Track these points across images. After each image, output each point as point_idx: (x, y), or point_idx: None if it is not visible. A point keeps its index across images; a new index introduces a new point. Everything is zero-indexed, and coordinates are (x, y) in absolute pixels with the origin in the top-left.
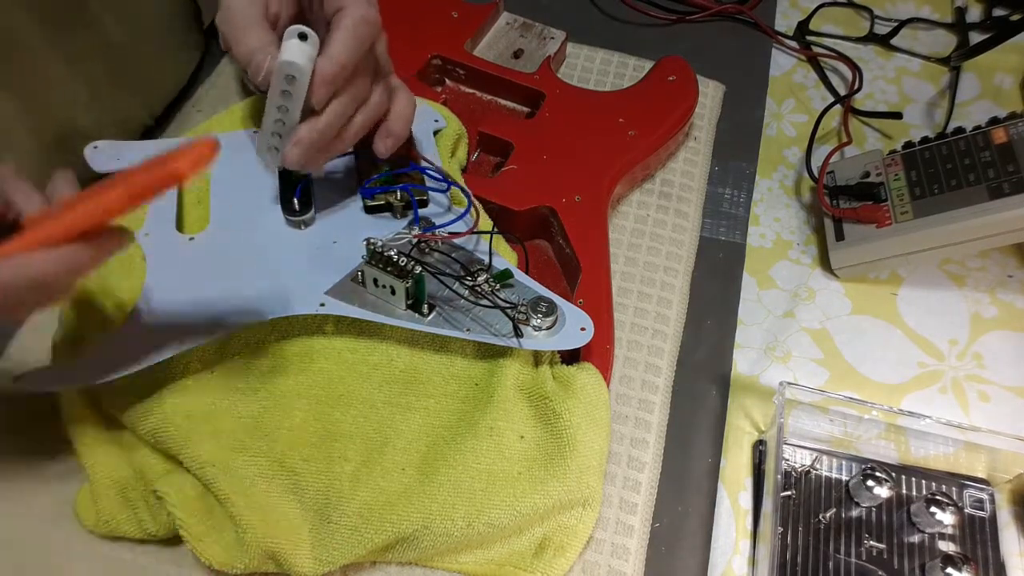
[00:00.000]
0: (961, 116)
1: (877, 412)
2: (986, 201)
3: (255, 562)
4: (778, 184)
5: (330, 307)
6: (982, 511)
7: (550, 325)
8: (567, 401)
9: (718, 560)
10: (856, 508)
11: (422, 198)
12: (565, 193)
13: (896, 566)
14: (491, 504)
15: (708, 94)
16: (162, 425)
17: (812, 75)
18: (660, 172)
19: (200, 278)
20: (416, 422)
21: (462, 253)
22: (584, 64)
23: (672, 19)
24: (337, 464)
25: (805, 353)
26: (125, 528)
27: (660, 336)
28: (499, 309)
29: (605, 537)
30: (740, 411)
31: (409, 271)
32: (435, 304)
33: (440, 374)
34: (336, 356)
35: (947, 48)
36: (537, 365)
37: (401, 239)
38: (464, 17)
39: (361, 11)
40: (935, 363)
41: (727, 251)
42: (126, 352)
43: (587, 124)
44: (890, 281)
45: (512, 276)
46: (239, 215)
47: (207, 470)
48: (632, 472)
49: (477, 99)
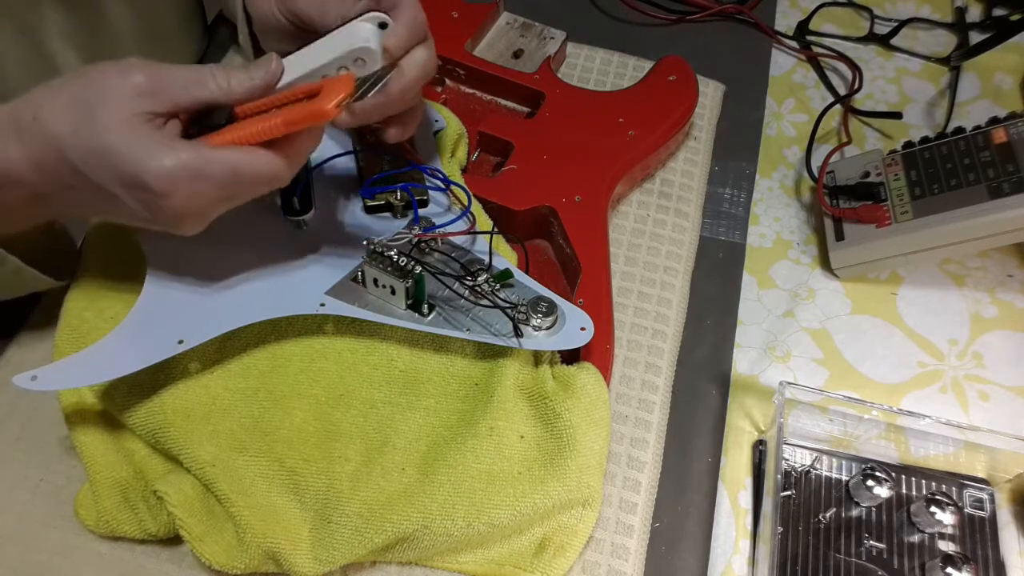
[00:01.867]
0: (961, 116)
1: (877, 412)
2: (986, 201)
3: (255, 562)
4: (778, 184)
5: (330, 307)
6: (982, 511)
7: (550, 325)
8: (567, 401)
9: (718, 560)
10: (856, 508)
11: (422, 198)
12: (565, 193)
13: (896, 566)
14: (491, 504)
15: (708, 94)
16: (162, 425)
17: (812, 75)
18: (660, 172)
19: (200, 278)
20: (416, 422)
21: (462, 253)
22: (584, 64)
23: (672, 19)
24: (337, 464)
25: (805, 353)
26: (125, 528)
27: (660, 336)
28: (499, 309)
29: (605, 537)
30: (740, 411)
31: (409, 271)
32: (435, 304)
33: (440, 374)
34: (336, 356)
35: (947, 48)
36: (537, 365)
37: (401, 239)
38: (464, 17)
39: (413, 11)
40: (935, 363)
41: (727, 251)
42: (127, 352)
43: (587, 124)
44: (890, 281)
45: (512, 276)
46: (239, 215)
47: (207, 470)
48: (632, 472)
49: (477, 99)
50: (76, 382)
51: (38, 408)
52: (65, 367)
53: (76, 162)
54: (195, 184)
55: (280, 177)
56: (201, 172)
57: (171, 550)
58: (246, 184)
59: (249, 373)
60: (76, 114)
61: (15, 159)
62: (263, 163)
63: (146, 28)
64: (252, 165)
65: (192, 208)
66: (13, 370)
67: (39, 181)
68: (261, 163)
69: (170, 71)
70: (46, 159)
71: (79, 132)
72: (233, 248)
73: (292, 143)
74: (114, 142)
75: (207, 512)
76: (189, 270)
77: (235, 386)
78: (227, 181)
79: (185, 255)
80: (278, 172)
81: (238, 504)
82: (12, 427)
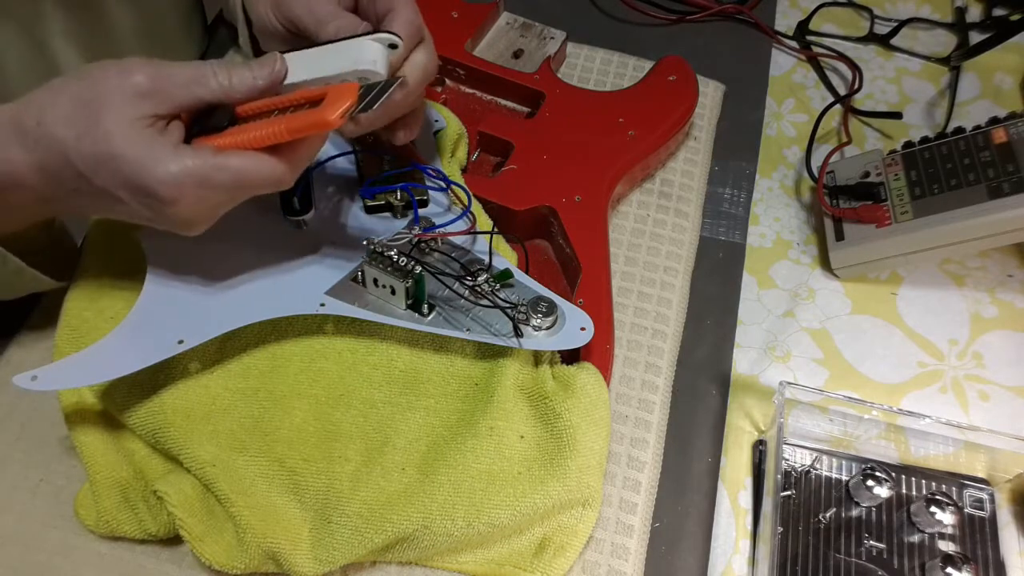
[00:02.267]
0: (961, 116)
1: (877, 412)
2: (986, 201)
3: (255, 562)
4: (778, 184)
5: (330, 307)
6: (982, 511)
7: (550, 325)
8: (567, 401)
9: (718, 560)
10: (856, 508)
11: (422, 198)
12: (565, 193)
13: (896, 566)
14: (491, 504)
15: (708, 94)
16: (162, 426)
17: (812, 75)
18: (660, 172)
19: (201, 278)
20: (416, 422)
21: (462, 253)
22: (584, 64)
23: (672, 19)
24: (337, 464)
25: (805, 353)
26: (125, 528)
27: (660, 336)
28: (499, 309)
29: (605, 537)
30: (740, 411)
31: (410, 271)
32: (435, 304)
33: (440, 374)
34: (336, 356)
35: (947, 48)
36: (537, 364)
37: (401, 239)
38: (464, 17)
39: (409, 14)
40: (935, 363)
41: (727, 251)
42: (127, 352)
43: (587, 124)
44: (890, 281)
45: (512, 276)
46: (239, 215)
47: (207, 470)
48: (632, 472)
49: (477, 99)
50: (76, 382)
51: (38, 408)
52: (65, 367)
53: (80, 167)
54: (201, 191)
55: (284, 181)
56: (207, 179)
57: (171, 550)
58: (250, 189)
59: (249, 373)
60: (80, 118)
61: (18, 162)
62: (267, 169)
63: (147, 27)
64: (257, 171)
65: (197, 213)
66: (13, 370)
67: (42, 184)
68: (265, 169)
69: (171, 69)
70: (50, 163)
71: (83, 137)
72: (234, 248)
73: (295, 148)
74: (119, 148)
75: (207, 512)
76: (190, 270)
77: (235, 386)
78: (232, 186)
79: (186, 255)
80: (282, 177)
81: (238, 504)
82: (12, 427)
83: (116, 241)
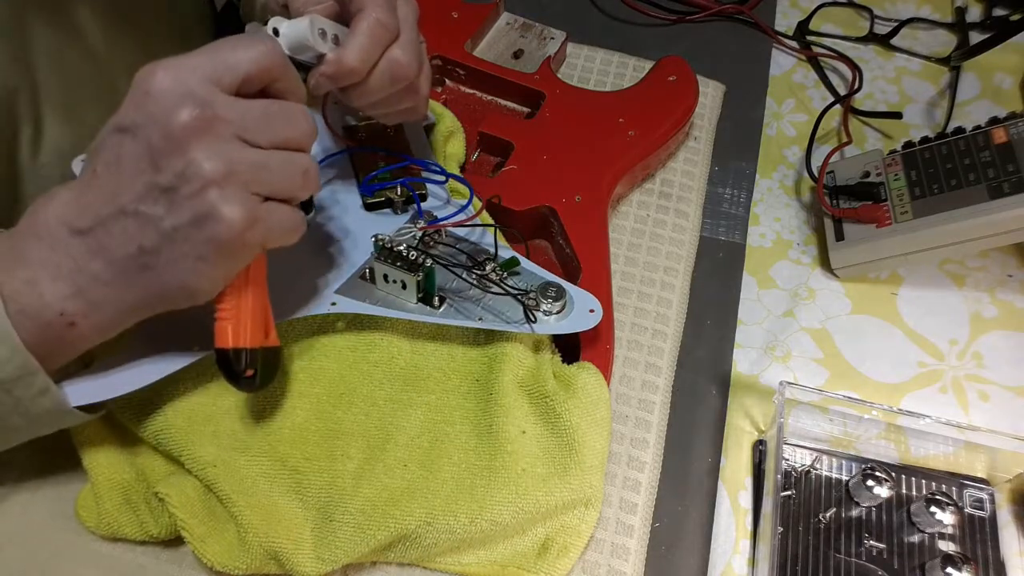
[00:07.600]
0: (961, 116)
1: (877, 412)
2: (986, 201)
3: (256, 562)
4: (778, 184)
5: (342, 306)
6: (982, 511)
7: (560, 309)
8: (568, 401)
9: (718, 560)
10: (856, 508)
11: (421, 192)
12: (565, 193)
13: (896, 566)
14: (494, 501)
15: (708, 94)
16: (164, 427)
17: (812, 75)
18: (660, 172)
19: None
20: (418, 418)
21: (467, 244)
22: (584, 64)
23: (672, 19)
24: (339, 462)
25: (805, 353)
26: (126, 529)
27: (660, 336)
28: (510, 296)
29: (605, 537)
30: (740, 411)
31: (420, 264)
32: (445, 296)
33: (441, 370)
34: (337, 354)
35: (947, 48)
36: (537, 352)
37: (407, 233)
38: (464, 17)
39: (377, 14)
40: (935, 363)
41: (727, 251)
42: (143, 364)
43: (587, 124)
44: (890, 281)
45: (519, 263)
46: None
47: (209, 471)
48: (632, 472)
49: (477, 99)
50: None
51: None
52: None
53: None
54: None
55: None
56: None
57: (172, 551)
58: None
59: None
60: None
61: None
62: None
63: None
64: None
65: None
66: None
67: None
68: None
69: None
70: None
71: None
72: None
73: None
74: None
75: (208, 513)
76: None
77: None
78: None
79: None
80: None
81: (240, 504)
82: None
83: None
